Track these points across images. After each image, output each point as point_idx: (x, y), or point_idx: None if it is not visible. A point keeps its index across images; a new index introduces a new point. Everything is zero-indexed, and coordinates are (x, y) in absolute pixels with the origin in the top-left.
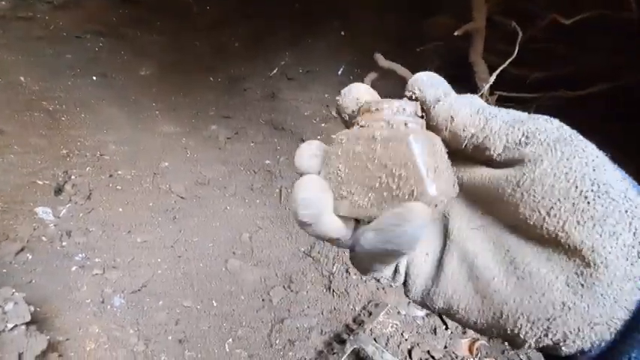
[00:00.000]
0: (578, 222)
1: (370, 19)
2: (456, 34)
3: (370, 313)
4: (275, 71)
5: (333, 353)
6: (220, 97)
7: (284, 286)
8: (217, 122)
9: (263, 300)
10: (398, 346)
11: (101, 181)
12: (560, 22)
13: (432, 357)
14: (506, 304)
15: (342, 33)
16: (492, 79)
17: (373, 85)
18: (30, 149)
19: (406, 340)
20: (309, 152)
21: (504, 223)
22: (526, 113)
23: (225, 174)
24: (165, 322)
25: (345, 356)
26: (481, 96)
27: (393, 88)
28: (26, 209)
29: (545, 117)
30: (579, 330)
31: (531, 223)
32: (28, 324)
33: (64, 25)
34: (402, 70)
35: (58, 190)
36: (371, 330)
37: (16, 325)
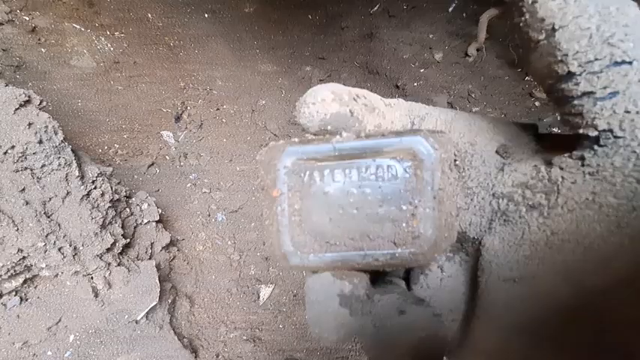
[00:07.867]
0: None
1: None
2: None
3: None
4: (376, 8)
5: None
6: (317, 36)
7: None
8: (312, 63)
9: None
10: None
11: (210, 113)
12: None
13: None
14: None
15: None
16: None
17: (491, 24)
18: (156, 80)
19: None
20: None
21: None
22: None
23: None
24: (255, 240)
25: None
26: None
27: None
28: (154, 132)
29: None
30: None
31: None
32: (157, 222)
33: None
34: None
35: (177, 118)
36: None
37: (149, 221)
